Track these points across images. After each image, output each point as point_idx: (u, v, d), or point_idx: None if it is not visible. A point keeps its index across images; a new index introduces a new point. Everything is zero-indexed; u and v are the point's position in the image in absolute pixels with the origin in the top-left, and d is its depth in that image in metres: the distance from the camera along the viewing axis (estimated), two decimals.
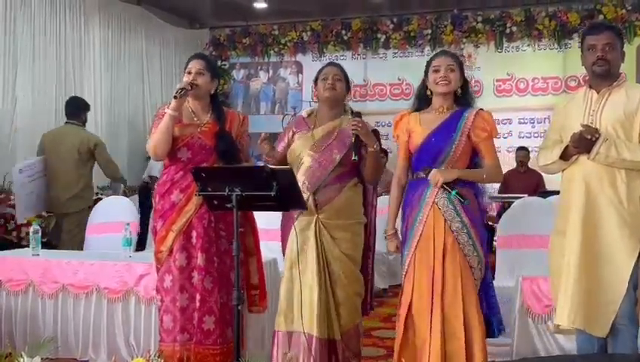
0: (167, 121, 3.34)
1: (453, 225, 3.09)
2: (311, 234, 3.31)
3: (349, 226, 3.34)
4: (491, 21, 8.87)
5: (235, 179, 2.93)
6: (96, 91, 7.96)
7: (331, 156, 3.35)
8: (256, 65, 10.08)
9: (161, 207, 3.43)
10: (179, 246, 3.36)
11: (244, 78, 10.15)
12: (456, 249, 3.08)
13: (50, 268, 4.11)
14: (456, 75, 3.16)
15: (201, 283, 3.33)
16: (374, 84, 9.48)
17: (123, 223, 4.37)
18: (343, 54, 9.54)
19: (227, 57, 10.07)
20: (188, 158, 3.40)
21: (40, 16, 7.21)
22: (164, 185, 3.43)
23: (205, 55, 3.70)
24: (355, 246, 3.36)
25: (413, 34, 9.16)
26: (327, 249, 3.31)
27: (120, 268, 3.96)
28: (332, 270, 3.30)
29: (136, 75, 8.77)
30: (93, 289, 4.01)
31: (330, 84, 3.39)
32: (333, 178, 3.34)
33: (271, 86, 10.04)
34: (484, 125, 3.15)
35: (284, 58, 9.90)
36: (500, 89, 8.85)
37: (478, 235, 3.12)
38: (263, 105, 10.08)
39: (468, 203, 3.10)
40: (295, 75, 9.90)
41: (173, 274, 3.36)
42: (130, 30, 8.65)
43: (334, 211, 3.32)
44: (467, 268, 3.08)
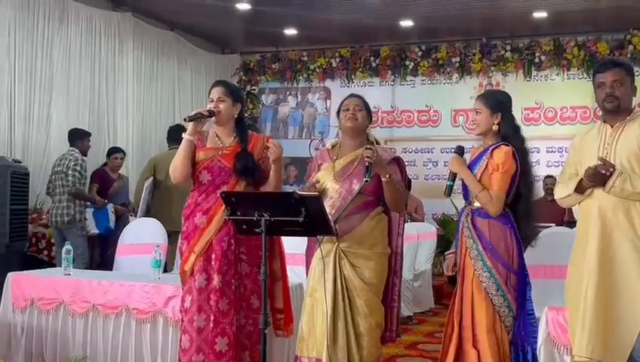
0: (183, 145, 3.43)
1: (471, 252, 3.28)
2: (330, 261, 3.33)
3: (371, 255, 3.35)
4: (520, 50, 8.89)
5: (264, 204, 2.97)
6: (129, 115, 8.10)
7: (350, 186, 3.38)
8: (285, 90, 10.19)
9: (186, 229, 3.49)
10: (199, 267, 3.40)
11: (273, 103, 10.25)
12: (471, 275, 3.27)
13: (80, 287, 4.17)
14: (482, 116, 3.35)
15: (215, 304, 3.35)
16: (402, 111, 9.52)
17: (153, 245, 4.43)
18: (371, 81, 9.62)
19: (257, 82, 10.20)
20: (209, 181, 3.46)
21: (76, 40, 7.40)
22: (189, 208, 3.50)
23: (226, 81, 3.75)
24: (377, 276, 3.36)
25: (441, 61, 9.21)
26: (348, 278, 3.31)
27: (149, 289, 4.00)
28: (353, 299, 3.31)
29: (167, 100, 8.91)
30: (123, 310, 4.05)
31: (352, 115, 3.44)
32: (355, 207, 3.37)
33: (299, 111, 10.14)
34: (494, 158, 3.29)
35: (312, 84, 10.00)
36: (529, 118, 8.85)
37: (498, 265, 3.24)
38: (291, 129, 10.17)
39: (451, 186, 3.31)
40: (323, 101, 9.99)
41: (193, 294, 3.39)
42: (162, 55, 8.81)
43: (355, 240, 3.34)
44: (481, 291, 3.23)
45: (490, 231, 3.29)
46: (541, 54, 8.77)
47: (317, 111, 10.04)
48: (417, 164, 9.38)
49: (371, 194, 3.38)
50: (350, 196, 3.36)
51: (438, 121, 9.35)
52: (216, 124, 3.54)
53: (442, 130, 9.28)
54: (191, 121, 3.40)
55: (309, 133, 10.04)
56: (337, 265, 3.32)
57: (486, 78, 9.05)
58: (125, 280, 4.15)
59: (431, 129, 9.39)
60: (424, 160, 9.39)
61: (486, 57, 8.98)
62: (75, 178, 6.29)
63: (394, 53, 9.42)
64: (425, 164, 9.38)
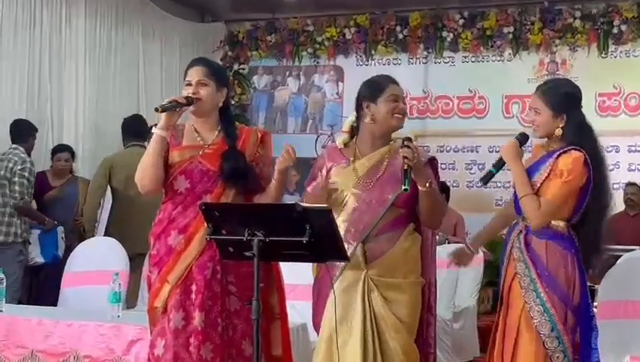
0: (154, 142, 3.44)
1: (522, 280, 3.37)
2: (357, 295, 3.35)
3: (407, 286, 3.40)
4: (593, 17, 8.89)
5: (257, 220, 2.99)
6: (78, 101, 8.11)
7: (382, 195, 3.41)
8: (283, 69, 10.21)
9: (156, 252, 3.51)
10: (175, 302, 3.41)
11: (267, 87, 10.28)
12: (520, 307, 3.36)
13: (16, 328, 4.19)
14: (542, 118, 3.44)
15: (197, 350, 3.36)
16: (437, 97, 9.53)
17: (110, 272, 4.43)
18: (396, 58, 9.63)
19: (247, 59, 10.22)
20: (186, 189, 3.48)
21: (10, 3, 7.41)
22: (161, 225, 3.52)
23: (207, 60, 3.78)
24: (414, 313, 3.41)
25: (489, 32, 9.22)
26: (379, 315, 3.34)
27: (106, 331, 4.00)
28: (385, 342, 3.33)
29: (129, 81, 8.92)
30: (71, 358, 4.05)
31: (402, 111, 3.50)
32: (387, 224, 3.41)
33: (302, 97, 10.16)
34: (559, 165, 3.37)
35: (320, 61, 10.03)
36: (604, 106, 8.83)
37: (554, 297, 3.31)
38: (292, 121, 10.20)
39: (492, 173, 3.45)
40: (334, 84, 10.01)
41: (167, 338, 3.40)
42: (123, 22, 8.82)
43: (389, 266, 3.38)
44: (531, 331, 3.30)
45: (547, 254, 3.37)
46: (621, 22, 8.76)
47: (325, 98, 10.06)
48: (457, 168, 9.38)
49: (404, 206, 3.42)
50: (382, 208, 3.40)
51: (484, 110, 9.35)
52: (194, 114, 3.56)
53: (490, 123, 9.26)
54: (164, 112, 3.41)
55: (315, 127, 10.06)
56: (366, 299, 3.35)
57: (548, 54, 9.04)
58: (74, 319, 4.15)
59: (475, 121, 9.38)
60: (466, 162, 9.38)
61: (548, 26, 8.97)
62: (23, 187, 6.35)
63: (427, 22, 9.44)
64: (467, 168, 9.37)
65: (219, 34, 10.26)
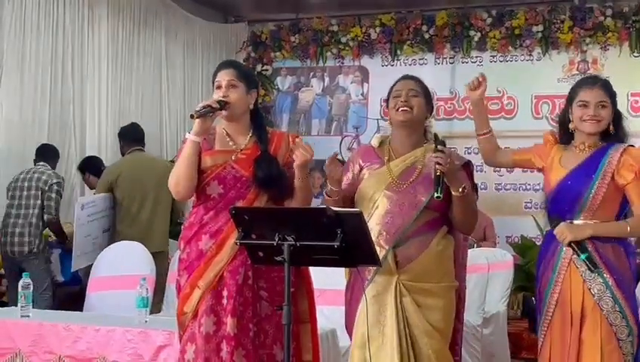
0: (188, 148, 3.46)
1: (593, 287, 3.35)
2: (390, 300, 3.36)
3: (440, 291, 3.40)
4: (624, 15, 8.84)
5: (287, 225, 3.00)
6: (101, 104, 8.17)
7: (415, 198, 3.42)
8: (307, 70, 10.24)
9: (186, 257, 3.54)
10: (206, 307, 3.44)
11: (291, 88, 10.30)
12: (597, 316, 3.33)
13: (43, 334, 4.22)
14: (609, 111, 3.45)
15: (230, 356, 3.38)
16: (465, 98, 9.46)
17: (137, 277, 4.46)
18: (423, 58, 9.63)
19: (270, 60, 10.24)
20: (219, 194, 3.51)
21: (32, 5, 7.46)
22: (191, 229, 3.55)
23: (236, 62, 3.82)
24: (448, 318, 3.43)
25: (518, 31, 9.19)
26: (412, 321, 3.35)
27: (134, 337, 4.03)
28: (419, 349, 3.34)
29: (152, 83, 8.99)
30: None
31: (404, 102, 3.48)
32: (419, 227, 3.42)
33: (326, 98, 10.17)
34: (631, 163, 3.37)
35: (344, 62, 10.03)
36: (637, 106, 8.79)
37: (628, 300, 3.34)
38: (316, 123, 10.21)
39: (600, 271, 3.31)
40: (359, 85, 10.01)
41: (197, 343, 3.43)
42: (146, 24, 8.89)
43: (421, 271, 3.38)
44: (612, 339, 3.32)
45: (616, 258, 3.40)
46: None
47: (350, 99, 10.06)
48: (486, 170, 9.24)
49: (438, 209, 3.43)
50: (415, 211, 3.40)
51: (513, 110, 9.31)
52: (225, 118, 3.59)
53: (519, 124, 9.22)
54: (199, 118, 3.42)
55: (340, 128, 10.07)
56: (399, 305, 3.35)
57: (579, 53, 9.00)
58: (102, 325, 4.19)
59: (504, 122, 9.32)
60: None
61: (579, 25, 8.94)
62: (58, 203, 6.49)
63: (454, 21, 9.43)
64: (496, 170, 9.29)
65: (242, 35, 10.28)
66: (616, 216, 3.44)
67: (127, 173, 6.52)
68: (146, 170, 6.60)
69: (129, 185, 6.46)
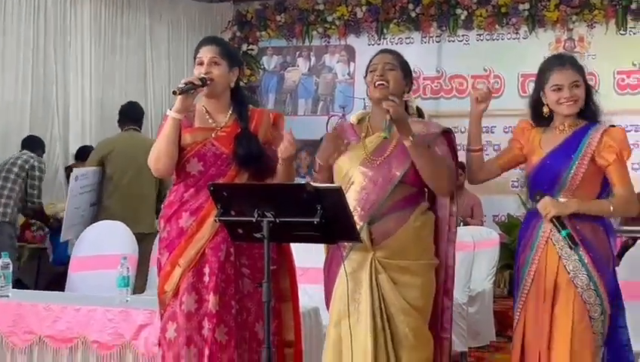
0: (169, 126, 3.43)
1: (569, 264, 3.32)
2: (365, 277, 3.31)
3: (417, 269, 3.34)
4: None
5: (266, 201, 2.98)
6: (84, 85, 8.15)
7: (389, 172, 3.37)
8: (293, 50, 10.20)
9: (167, 235, 3.52)
10: (187, 285, 3.43)
11: (277, 68, 10.27)
12: (571, 292, 3.29)
13: (23, 314, 4.19)
14: (582, 89, 3.41)
15: (211, 334, 3.38)
16: (451, 76, 9.50)
17: (117, 256, 4.44)
18: (409, 36, 9.61)
19: (256, 40, 10.21)
20: (199, 172, 3.49)
21: None
22: (171, 207, 3.53)
23: (219, 38, 3.79)
24: (426, 296, 3.36)
25: (504, 9, 9.19)
26: (388, 298, 3.30)
27: (114, 316, 4.02)
28: (395, 327, 3.30)
29: (136, 64, 8.95)
30: (79, 343, 4.07)
31: (380, 77, 3.43)
32: (395, 202, 3.36)
33: (313, 78, 10.16)
34: (611, 144, 3.33)
35: (330, 41, 10.00)
36: (623, 84, 8.78)
37: (603, 278, 3.30)
38: (302, 103, 10.20)
39: (577, 249, 3.27)
40: (345, 64, 10.00)
41: (179, 322, 3.42)
42: (129, 4, 8.85)
43: (397, 247, 3.32)
44: (585, 317, 3.27)
45: (594, 236, 3.36)
46: None
47: (337, 78, 10.05)
48: None
49: (416, 183, 3.37)
50: (390, 185, 3.35)
51: (500, 89, 9.30)
52: (206, 96, 3.56)
53: (506, 102, 9.17)
54: (181, 94, 3.39)
55: (327, 108, 10.05)
56: (374, 282, 3.31)
57: (565, 31, 9.00)
58: (82, 304, 4.16)
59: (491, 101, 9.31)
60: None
61: (565, 3, 8.93)
62: (40, 190, 6.54)
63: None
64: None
65: (227, 14, 10.24)
66: (597, 196, 3.41)
67: (121, 148, 6.50)
68: (140, 149, 6.51)
69: (121, 161, 6.43)
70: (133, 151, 6.40)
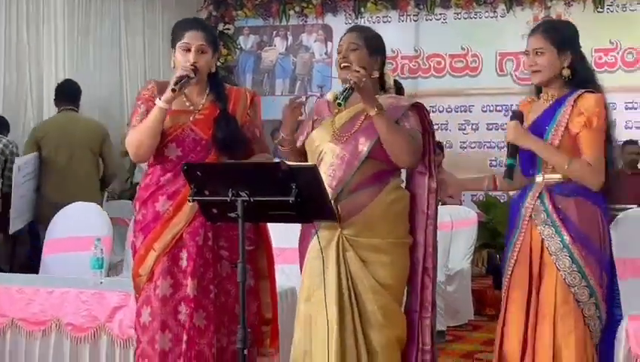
0: (157, 115, 3.38)
1: (551, 245, 3.23)
2: (332, 254, 3.29)
3: (387, 247, 3.31)
4: None
5: (241, 180, 2.96)
6: (58, 69, 8.02)
7: (356, 148, 3.33)
8: (270, 29, 10.16)
9: (142, 218, 3.49)
10: (162, 269, 3.41)
11: (254, 47, 10.23)
12: (554, 276, 3.22)
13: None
14: (549, 58, 3.26)
15: (189, 319, 3.37)
16: (429, 55, 9.50)
17: (92, 238, 4.41)
18: (387, 15, 9.59)
19: (232, 19, 10.16)
20: (178, 157, 3.45)
21: None
22: (147, 190, 3.49)
23: (204, 23, 3.75)
24: (396, 275, 3.33)
25: None
26: (356, 276, 3.28)
27: (88, 298, 4.00)
28: (363, 305, 3.27)
29: (110, 45, 8.85)
30: (53, 326, 4.05)
31: (343, 58, 3.40)
32: (364, 179, 3.32)
33: (290, 57, 10.13)
34: (581, 111, 3.20)
35: (308, 20, 9.97)
36: (601, 62, 8.80)
37: (591, 259, 3.20)
38: (279, 83, 10.17)
39: (512, 165, 3.24)
40: (322, 43, 9.97)
41: (153, 306, 3.41)
42: None
43: (365, 225, 3.28)
44: (569, 301, 3.20)
45: (578, 213, 3.23)
46: None
47: (314, 58, 10.03)
48: (451, 128, 9.36)
49: (384, 160, 3.32)
50: (357, 161, 3.31)
51: (478, 68, 9.32)
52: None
53: (484, 81, 9.25)
54: (181, 88, 3.35)
55: (304, 88, 10.03)
56: (341, 259, 3.28)
57: (543, 9, 9.00)
58: (55, 287, 4.14)
59: (468, 80, 9.37)
60: (460, 122, 9.37)
61: None
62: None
63: None
64: (461, 128, 9.36)
65: None
66: None
67: (56, 130, 6.51)
68: (76, 129, 6.61)
69: (56, 143, 6.44)
70: (69, 133, 6.46)
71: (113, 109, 8.76)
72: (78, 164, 6.43)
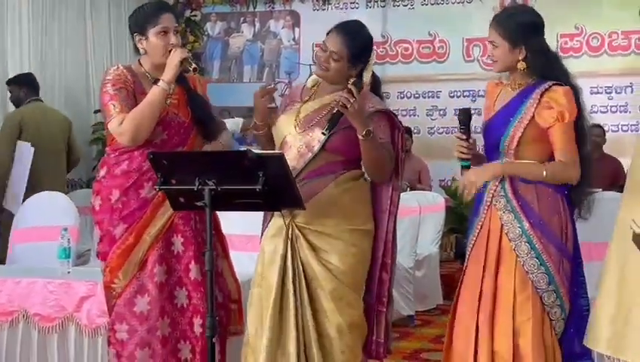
0: (159, 95, 3.38)
1: (510, 231, 3.22)
2: (280, 242, 3.32)
3: (340, 234, 3.31)
4: None
5: (208, 169, 2.97)
6: (23, 52, 7.95)
7: (312, 141, 3.34)
8: (237, 16, 10.10)
9: (122, 206, 3.44)
10: (156, 256, 3.42)
11: (221, 34, 10.17)
12: (513, 262, 3.21)
13: None
14: (502, 50, 3.24)
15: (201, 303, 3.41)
16: (396, 42, 9.49)
17: (59, 228, 4.39)
18: (354, 1, 9.56)
19: (199, 5, 10.08)
20: (163, 140, 3.46)
21: None
22: (128, 176, 3.45)
23: (171, 6, 3.77)
24: (348, 261, 3.31)
25: None
26: (306, 262, 3.30)
27: (55, 288, 4.00)
28: (313, 291, 3.30)
29: (76, 32, 8.77)
30: (20, 316, 4.05)
31: (323, 63, 3.38)
32: (319, 167, 3.33)
33: (257, 44, 10.07)
34: (551, 105, 3.18)
35: (275, 7, 9.92)
36: (566, 47, 8.84)
37: (549, 246, 3.19)
38: (247, 69, 10.12)
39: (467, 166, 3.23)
40: (290, 29, 9.92)
41: (152, 293, 3.41)
42: None
43: (316, 212, 3.28)
44: (527, 288, 3.18)
45: (539, 200, 3.22)
46: None
47: (282, 44, 9.98)
48: (418, 114, 9.38)
49: (339, 152, 3.34)
50: (310, 153, 3.33)
51: (445, 54, 9.33)
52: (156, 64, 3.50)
53: (451, 67, 9.26)
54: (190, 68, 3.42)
55: (272, 75, 9.98)
56: (289, 245, 3.31)
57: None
58: (22, 276, 4.14)
59: (436, 65, 9.37)
60: (427, 107, 9.39)
61: None
62: None
63: None
64: (428, 113, 9.38)
65: None
66: (548, 156, 3.25)
67: (33, 122, 6.53)
68: (50, 120, 6.71)
69: (31, 134, 6.45)
70: (43, 125, 6.55)
71: (78, 94, 8.70)
72: (51, 155, 6.48)
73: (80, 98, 8.69)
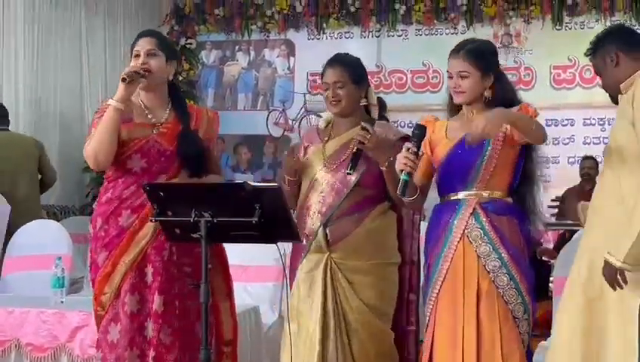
0: (111, 115, 3.35)
1: (488, 263, 3.21)
2: (319, 276, 3.43)
3: (371, 268, 3.45)
4: None
5: (204, 200, 2.97)
6: (18, 79, 7.96)
7: (346, 176, 3.45)
8: (232, 44, 10.13)
9: (104, 233, 3.45)
10: (129, 285, 3.39)
11: (216, 62, 10.19)
12: (493, 295, 3.21)
13: None
14: (472, 81, 3.25)
15: (156, 334, 3.36)
16: (391, 71, 9.54)
17: (52, 256, 4.41)
18: (349, 31, 9.59)
19: (194, 34, 10.10)
20: (142, 169, 3.44)
21: None
22: (110, 204, 3.45)
23: (155, 31, 3.77)
24: (382, 295, 3.46)
25: (442, 4, 9.23)
26: (343, 297, 3.42)
27: (49, 318, 4.00)
28: (349, 322, 3.41)
29: (71, 57, 8.78)
30: (12, 346, 4.04)
31: (333, 98, 3.51)
32: (352, 205, 3.46)
33: (252, 72, 10.09)
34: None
35: (270, 35, 9.95)
36: (559, 79, 8.89)
37: (524, 276, 3.23)
38: (242, 97, 10.13)
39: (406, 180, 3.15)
40: (285, 58, 9.95)
41: (122, 323, 3.39)
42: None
43: (352, 249, 3.43)
44: (509, 318, 3.20)
45: (510, 231, 3.25)
46: None
47: (276, 73, 10.00)
48: None
49: (372, 186, 3.48)
50: (346, 189, 3.45)
51: (439, 84, 9.36)
52: (143, 89, 3.50)
53: (445, 97, 9.26)
54: (131, 81, 3.34)
55: (266, 103, 10.00)
56: (328, 280, 3.43)
57: (502, 26, 9.07)
58: (15, 306, 4.14)
59: (430, 95, 9.40)
60: None
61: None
62: None
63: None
64: None
65: (164, 7, 10.12)
66: (509, 185, 3.27)
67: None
68: (16, 148, 6.59)
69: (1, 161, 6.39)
70: (9, 152, 6.43)
71: (72, 122, 8.67)
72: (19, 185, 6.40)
73: (74, 124, 8.66)
